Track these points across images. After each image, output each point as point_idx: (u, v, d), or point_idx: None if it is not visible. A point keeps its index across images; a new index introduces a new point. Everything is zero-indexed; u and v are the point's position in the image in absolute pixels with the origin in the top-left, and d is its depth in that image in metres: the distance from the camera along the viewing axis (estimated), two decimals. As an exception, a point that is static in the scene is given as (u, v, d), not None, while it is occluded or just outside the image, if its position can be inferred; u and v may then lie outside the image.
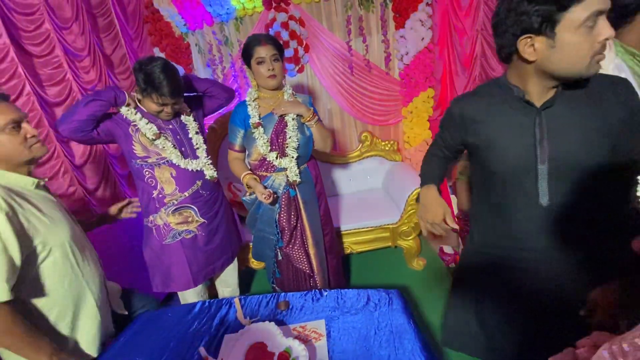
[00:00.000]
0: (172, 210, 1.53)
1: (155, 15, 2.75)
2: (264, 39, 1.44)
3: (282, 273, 1.70)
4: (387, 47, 2.71)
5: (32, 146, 1.06)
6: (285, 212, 1.59)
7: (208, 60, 2.89)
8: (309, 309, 1.21)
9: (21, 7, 1.79)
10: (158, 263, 1.58)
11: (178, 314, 1.29)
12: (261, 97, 1.56)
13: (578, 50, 0.73)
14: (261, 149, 1.52)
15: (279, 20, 2.66)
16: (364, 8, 2.62)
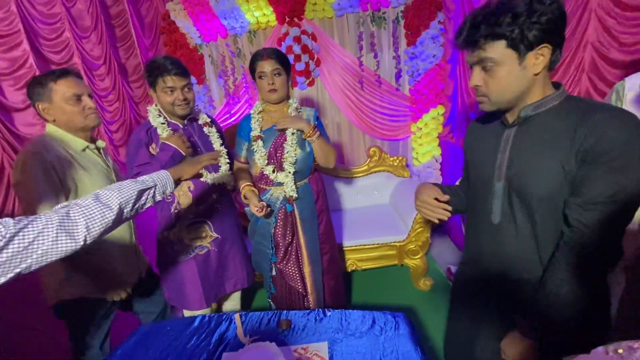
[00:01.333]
0: (186, 224, 1.50)
1: (171, 26, 2.82)
2: (267, 54, 1.45)
3: (276, 289, 1.66)
4: (398, 64, 2.72)
5: (88, 116, 1.27)
6: (281, 227, 1.56)
7: (220, 72, 2.93)
8: (311, 329, 1.16)
9: (45, 16, 1.84)
10: (171, 280, 1.55)
11: (177, 327, 1.26)
12: (266, 110, 1.56)
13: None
14: (258, 162, 1.52)
15: (292, 34, 2.70)
16: (376, 25, 2.65)
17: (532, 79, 0.77)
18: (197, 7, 2.72)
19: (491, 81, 0.78)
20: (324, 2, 2.60)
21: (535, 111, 0.79)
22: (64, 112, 1.23)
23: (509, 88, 0.78)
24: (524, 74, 0.76)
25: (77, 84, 1.25)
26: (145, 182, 0.94)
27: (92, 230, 0.77)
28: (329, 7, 2.62)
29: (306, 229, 1.58)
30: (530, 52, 0.73)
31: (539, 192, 0.78)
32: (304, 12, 2.65)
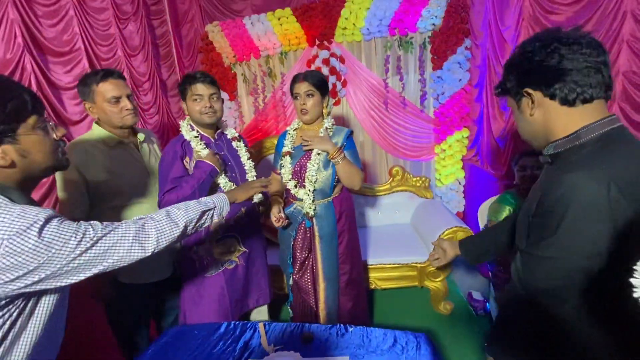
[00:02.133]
0: (216, 239, 1.52)
1: (209, 46, 3.02)
2: (302, 76, 1.54)
3: (294, 298, 1.72)
4: (423, 86, 2.78)
5: (125, 117, 1.38)
6: (300, 241, 1.62)
7: (251, 90, 3.08)
8: (333, 343, 1.19)
9: (102, 38, 2.04)
10: (198, 295, 1.55)
11: (204, 332, 1.31)
12: (301, 128, 1.65)
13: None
14: (284, 176, 1.60)
15: (321, 56, 2.82)
16: (403, 49, 2.73)
17: (533, 121, 0.79)
18: (234, 29, 2.91)
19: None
20: (354, 27, 2.72)
21: (556, 150, 0.78)
22: (105, 111, 1.35)
23: (521, 131, 0.84)
24: (524, 117, 0.81)
25: (116, 87, 1.35)
26: (207, 204, 1.03)
27: (160, 243, 0.86)
28: (358, 32, 2.73)
29: (324, 247, 1.61)
30: (522, 98, 0.79)
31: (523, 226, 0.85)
32: (334, 35, 2.78)
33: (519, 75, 0.77)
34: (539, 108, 0.77)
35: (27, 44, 1.58)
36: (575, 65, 0.70)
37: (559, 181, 0.71)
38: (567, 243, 0.70)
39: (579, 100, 0.73)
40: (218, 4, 3.01)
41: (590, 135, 0.73)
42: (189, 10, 2.96)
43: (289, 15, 2.80)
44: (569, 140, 0.75)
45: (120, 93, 1.35)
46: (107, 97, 1.33)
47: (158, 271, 1.51)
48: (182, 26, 2.92)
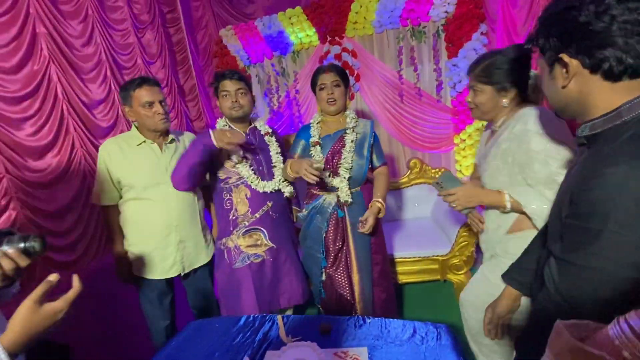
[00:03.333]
0: (242, 232, 1.56)
1: (223, 50, 3.09)
2: (327, 67, 1.58)
3: (326, 294, 1.68)
4: (438, 76, 2.71)
5: (157, 121, 1.47)
6: (332, 232, 1.60)
7: (266, 90, 3.13)
8: (351, 334, 1.18)
9: (121, 47, 2.14)
10: (228, 287, 1.60)
11: (224, 325, 1.34)
12: (324, 120, 1.65)
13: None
14: (317, 166, 1.58)
15: (333, 52, 2.82)
16: (416, 39, 2.68)
17: (567, 94, 0.67)
18: (247, 32, 2.96)
19: None
20: (364, 20, 2.70)
21: (593, 131, 0.67)
22: (139, 115, 1.46)
23: (551, 100, 0.73)
24: (555, 86, 0.69)
25: (150, 92, 1.45)
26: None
27: None
28: (369, 25, 2.71)
29: (356, 236, 1.60)
30: (556, 63, 0.66)
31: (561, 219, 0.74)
32: (345, 30, 2.77)
33: (555, 36, 0.64)
34: (575, 80, 0.64)
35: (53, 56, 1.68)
36: (629, 30, 0.57)
37: (598, 176, 0.59)
38: (612, 253, 0.59)
39: (626, 74, 0.60)
40: (230, 8, 3.08)
41: (633, 114, 0.61)
42: (203, 17, 3.05)
43: (300, 14, 2.82)
44: (608, 119, 0.63)
45: (153, 99, 1.45)
46: (142, 102, 1.44)
47: (165, 269, 1.56)
48: (197, 32, 3.01)
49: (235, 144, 1.41)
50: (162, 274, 1.54)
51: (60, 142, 1.66)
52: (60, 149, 1.65)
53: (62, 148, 1.66)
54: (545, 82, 0.71)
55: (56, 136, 1.65)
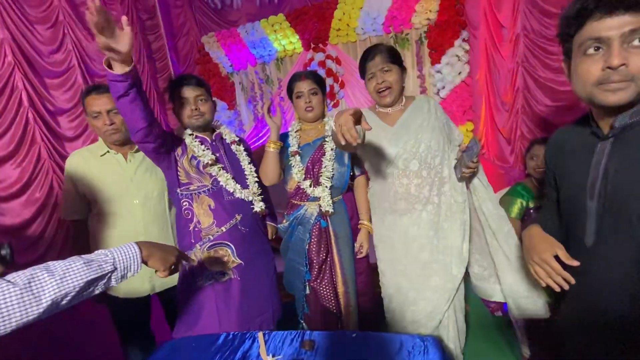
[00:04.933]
0: (207, 246, 1.42)
1: (205, 57, 3.04)
2: (304, 75, 1.51)
3: (310, 309, 1.61)
4: (422, 82, 2.72)
5: (103, 132, 1.37)
6: (315, 243, 1.53)
7: (250, 97, 3.08)
8: (336, 350, 1.11)
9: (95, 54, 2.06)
10: (188, 303, 1.46)
11: (202, 344, 1.25)
12: (303, 128, 1.60)
13: (579, 77, 0.70)
14: (296, 176, 1.52)
15: (317, 59, 2.81)
16: (400, 46, 2.69)
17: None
18: (229, 39, 2.93)
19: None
20: (348, 27, 2.70)
21: (634, 118, 0.67)
22: (92, 125, 1.39)
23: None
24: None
25: (98, 102, 1.32)
26: (102, 267, 0.75)
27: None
28: (352, 32, 2.71)
29: (340, 246, 1.54)
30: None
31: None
32: (329, 38, 2.76)
33: None
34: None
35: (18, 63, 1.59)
36: None
37: None
38: None
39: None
40: (214, 15, 3.05)
41: None
42: (184, 24, 3.00)
43: (283, 21, 2.81)
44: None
45: (100, 108, 1.33)
46: (89, 111, 1.35)
47: (135, 287, 1.45)
48: (178, 39, 2.96)
49: None
50: (131, 293, 1.44)
51: (23, 152, 1.57)
52: (23, 159, 1.55)
53: (25, 158, 1.56)
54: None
55: (18, 146, 1.56)
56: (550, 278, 0.79)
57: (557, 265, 0.78)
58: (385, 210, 1.43)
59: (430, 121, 1.36)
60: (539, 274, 0.81)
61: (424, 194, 1.36)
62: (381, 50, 1.33)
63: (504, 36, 2.02)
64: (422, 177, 1.35)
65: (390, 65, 1.32)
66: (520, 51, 1.90)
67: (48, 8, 1.76)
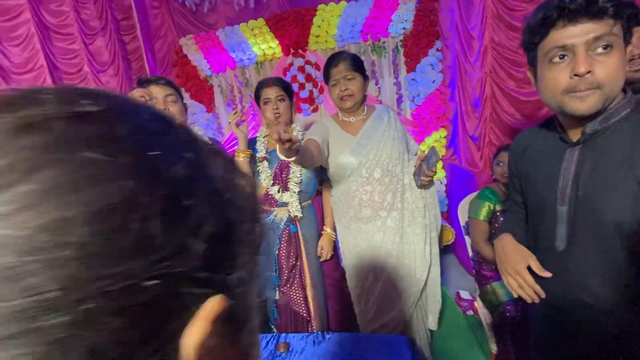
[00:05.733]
0: None
1: (183, 59, 3.01)
2: (272, 81, 1.52)
3: (280, 315, 1.62)
4: (398, 89, 2.81)
5: None
6: (285, 248, 1.55)
7: (229, 101, 3.07)
8: (309, 352, 1.13)
9: (65, 52, 2.00)
10: None
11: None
12: (270, 134, 1.61)
13: (547, 86, 0.70)
14: (264, 182, 1.54)
15: (296, 64, 2.83)
16: (377, 54, 2.76)
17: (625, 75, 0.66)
18: (208, 42, 2.91)
19: (608, 66, 0.64)
20: (327, 34, 2.75)
21: (604, 124, 0.69)
22: None
23: (621, 78, 0.66)
24: (626, 66, 0.65)
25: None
26: None
27: None
28: (331, 39, 2.76)
29: (309, 251, 1.57)
30: (627, 45, 0.65)
31: (612, 218, 0.69)
32: (308, 43, 2.80)
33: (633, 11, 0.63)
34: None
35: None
36: None
37: None
38: None
39: None
40: (192, 17, 3.01)
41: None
42: (162, 25, 2.95)
43: (262, 26, 2.82)
44: (627, 101, 0.68)
45: None
46: None
47: None
48: (155, 41, 2.91)
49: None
50: None
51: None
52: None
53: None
54: (621, 57, 0.65)
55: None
56: (522, 289, 0.80)
57: (530, 278, 0.80)
58: (351, 218, 1.44)
59: (391, 131, 1.41)
60: (511, 284, 0.83)
61: (387, 200, 1.39)
62: (345, 58, 1.35)
63: (474, 47, 2.12)
64: (385, 184, 1.38)
65: (353, 73, 1.34)
66: (489, 62, 2.00)
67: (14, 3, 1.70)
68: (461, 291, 2.28)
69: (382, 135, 1.40)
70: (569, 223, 0.75)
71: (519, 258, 0.83)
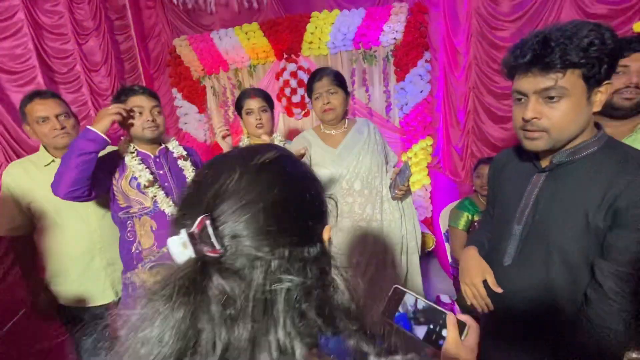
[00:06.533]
0: (148, 267, 1.39)
1: (176, 60, 3.02)
2: (253, 93, 1.57)
3: None
4: (388, 97, 2.88)
5: (54, 137, 1.34)
6: None
7: (221, 102, 3.09)
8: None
9: (57, 52, 2.01)
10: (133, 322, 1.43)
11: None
12: (252, 143, 1.66)
13: (513, 119, 0.80)
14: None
15: (289, 69, 2.88)
16: (368, 62, 2.83)
17: (590, 118, 0.73)
18: (202, 43, 2.93)
19: (555, 114, 0.71)
20: (320, 41, 2.80)
21: (570, 158, 0.75)
22: (36, 132, 1.34)
23: (572, 124, 0.71)
24: (587, 110, 0.71)
25: (44, 107, 1.31)
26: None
27: None
28: (324, 46, 2.82)
29: None
30: (597, 87, 0.70)
31: (560, 242, 0.74)
32: (301, 49, 2.85)
33: (611, 61, 0.68)
34: (600, 105, 0.72)
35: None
36: None
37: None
38: None
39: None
40: (186, 18, 3.03)
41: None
42: (155, 25, 2.96)
43: (256, 30, 2.86)
44: (597, 139, 0.74)
45: (48, 113, 1.32)
46: (34, 117, 1.31)
47: (96, 296, 1.45)
48: (148, 40, 2.91)
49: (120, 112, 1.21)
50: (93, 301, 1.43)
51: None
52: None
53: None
54: (576, 104, 0.70)
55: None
56: (476, 300, 0.90)
57: (484, 292, 0.89)
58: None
59: (370, 144, 1.47)
60: (467, 293, 0.93)
61: (367, 212, 1.45)
62: (328, 73, 1.42)
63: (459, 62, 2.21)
64: (364, 195, 1.44)
65: (336, 88, 1.41)
66: (472, 77, 2.10)
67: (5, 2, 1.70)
68: (441, 295, 2.37)
69: (362, 148, 1.45)
70: (520, 242, 0.83)
71: (477, 271, 0.91)
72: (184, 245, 0.35)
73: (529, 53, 0.70)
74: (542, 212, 0.79)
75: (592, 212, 0.71)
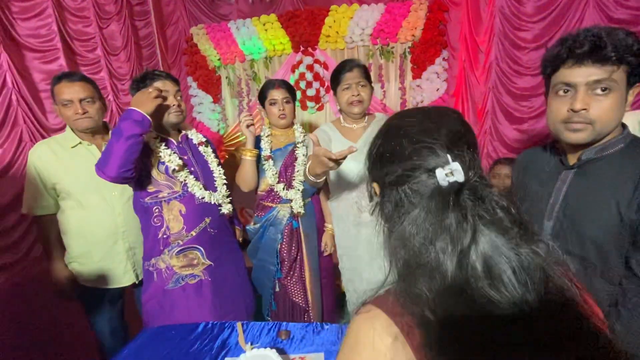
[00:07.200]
0: (176, 252, 1.39)
1: (193, 49, 3.03)
2: (278, 83, 1.59)
3: (278, 305, 1.70)
4: (403, 94, 2.88)
5: (76, 121, 1.35)
6: (287, 243, 1.64)
7: (236, 93, 3.10)
8: (309, 340, 1.22)
9: (79, 34, 2.02)
10: (159, 309, 1.42)
11: (181, 332, 1.31)
12: (273, 133, 1.67)
13: (550, 113, 0.81)
14: (270, 179, 1.60)
15: (305, 62, 2.88)
16: (385, 58, 2.83)
17: (623, 116, 0.75)
18: (219, 33, 2.93)
19: (603, 106, 0.73)
20: (337, 34, 2.80)
21: (598, 154, 0.78)
22: (61, 113, 1.35)
23: (615, 118, 0.74)
24: (624, 107, 0.75)
25: (69, 90, 1.31)
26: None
27: None
28: (341, 40, 2.81)
29: (309, 245, 1.66)
30: (633, 86, 0.74)
31: (592, 237, 0.76)
32: (318, 42, 2.84)
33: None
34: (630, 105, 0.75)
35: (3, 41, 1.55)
36: None
37: None
38: None
39: None
40: (204, 6, 3.03)
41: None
42: (174, 12, 2.96)
43: (274, 22, 2.85)
44: (624, 137, 0.78)
45: (72, 97, 1.32)
46: (59, 99, 1.32)
47: (117, 278, 1.48)
48: (166, 27, 2.92)
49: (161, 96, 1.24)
50: (113, 283, 1.46)
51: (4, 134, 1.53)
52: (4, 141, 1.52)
53: (6, 140, 1.53)
54: (620, 100, 0.74)
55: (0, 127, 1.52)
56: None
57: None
58: (350, 223, 1.48)
59: None
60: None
61: None
62: (358, 65, 1.42)
63: (480, 61, 2.20)
64: None
65: (365, 81, 1.42)
66: (492, 77, 2.09)
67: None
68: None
69: None
70: (552, 238, 0.84)
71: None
72: (452, 173, 0.46)
73: (586, 44, 0.71)
74: (574, 207, 0.80)
75: (624, 206, 0.73)
